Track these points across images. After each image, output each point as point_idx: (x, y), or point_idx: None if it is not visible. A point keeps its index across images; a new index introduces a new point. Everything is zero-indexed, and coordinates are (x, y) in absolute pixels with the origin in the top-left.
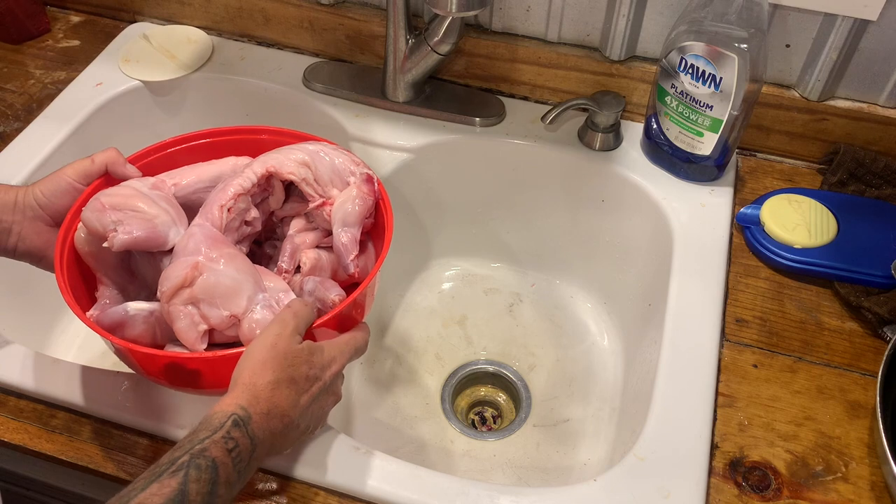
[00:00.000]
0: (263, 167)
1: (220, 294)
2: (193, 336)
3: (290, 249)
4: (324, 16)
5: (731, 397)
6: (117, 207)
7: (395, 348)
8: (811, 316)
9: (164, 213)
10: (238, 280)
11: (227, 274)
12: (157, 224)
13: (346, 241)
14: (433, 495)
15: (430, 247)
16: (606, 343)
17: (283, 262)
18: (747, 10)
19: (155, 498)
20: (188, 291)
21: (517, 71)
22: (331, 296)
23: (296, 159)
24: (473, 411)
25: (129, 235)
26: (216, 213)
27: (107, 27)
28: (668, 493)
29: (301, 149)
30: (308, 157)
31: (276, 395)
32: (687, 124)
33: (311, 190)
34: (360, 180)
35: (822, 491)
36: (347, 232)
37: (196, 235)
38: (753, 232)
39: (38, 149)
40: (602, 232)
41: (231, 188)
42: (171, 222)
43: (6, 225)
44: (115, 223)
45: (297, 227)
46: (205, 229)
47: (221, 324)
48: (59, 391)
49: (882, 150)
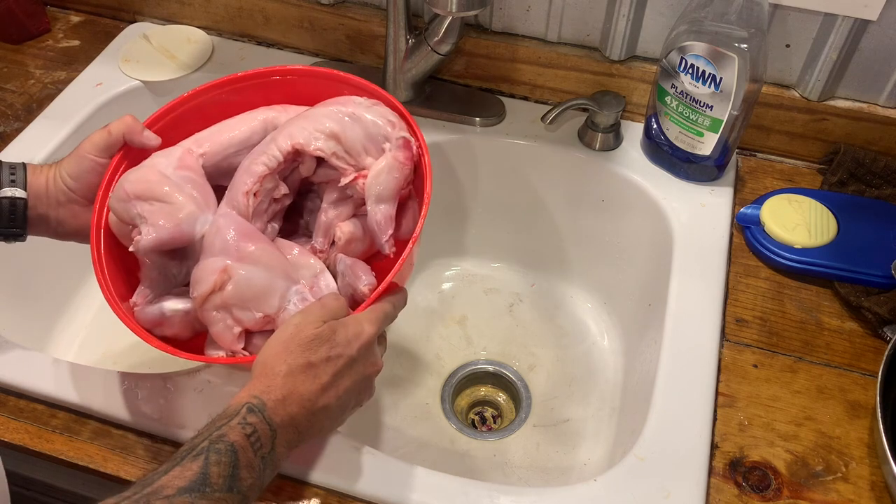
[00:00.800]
0: (289, 142)
1: (251, 297)
2: (229, 339)
3: (323, 226)
4: (324, 16)
5: (732, 397)
6: (142, 197)
7: (395, 348)
8: (811, 316)
9: (190, 201)
10: (268, 279)
11: (256, 275)
12: (181, 220)
13: (380, 219)
14: (433, 495)
15: (431, 247)
16: (606, 343)
17: (317, 243)
18: (747, 10)
19: (177, 480)
20: (219, 296)
21: (517, 71)
22: (360, 287)
23: (324, 130)
24: (473, 411)
25: (153, 238)
26: (241, 201)
27: (107, 27)
28: (668, 493)
29: (330, 115)
30: (337, 126)
31: (291, 381)
32: (687, 124)
33: (343, 163)
34: (396, 147)
35: (822, 491)
36: (382, 209)
37: (223, 228)
38: (753, 232)
39: (39, 149)
40: (602, 232)
41: (255, 170)
42: (198, 211)
43: (42, 212)
44: (140, 217)
45: (331, 199)
46: (231, 220)
47: (255, 325)
48: (59, 391)
49: (882, 150)
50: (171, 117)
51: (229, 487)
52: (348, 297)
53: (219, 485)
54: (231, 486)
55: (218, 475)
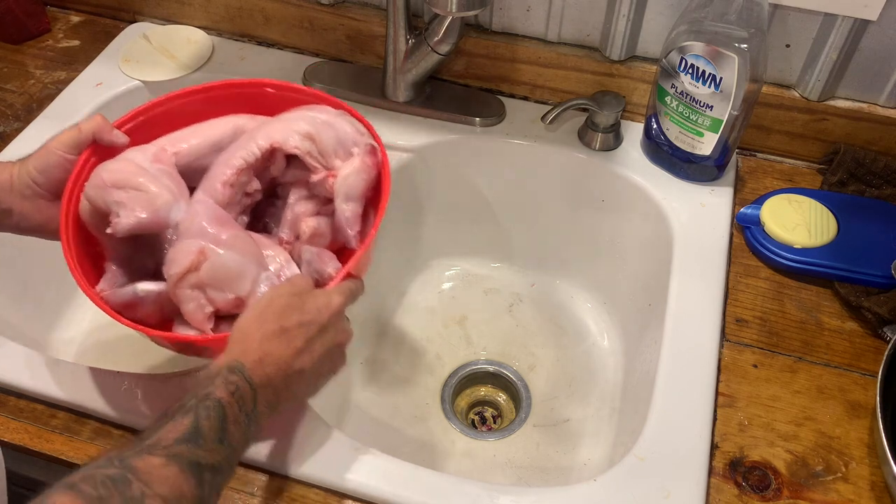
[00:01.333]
0: (268, 141)
1: (224, 278)
2: (200, 317)
3: (290, 219)
4: (324, 16)
5: (731, 397)
6: (119, 185)
7: (395, 348)
8: (811, 316)
9: (165, 190)
10: (242, 263)
11: (231, 258)
12: (158, 206)
13: (349, 215)
14: (433, 495)
15: (431, 247)
16: (606, 343)
17: (284, 234)
18: (747, 10)
19: (172, 434)
20: (194, 276)
21: (517, 71)
22: (328, 269)
23: (301, 131)
24: (473, 411)
25: (131, 221)
26: (219, 190)
27: (107, 27)
28: (668, 493)
29: (305, 118)
30: (312, 129)
31: (267, 344)
32: (687, 124)
33: (315, 162)
34: (365, 152)
35: (822, 491)
36: (350, 206)
37: (200, 214)
38: (753, 232)
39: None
40: (602, 232)
41: (234, 163)
42: (173, 200)
43: (5, 206)
44: (118, 204)
45: (298, 196)
46: (208, 207)
47: (227, 305)
48: (59, 391)
49: (882, 150)
50: (141, 120)
51: (220, 440)
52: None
53: (210, 437)
54: (221, 439)
55: (209, 429)
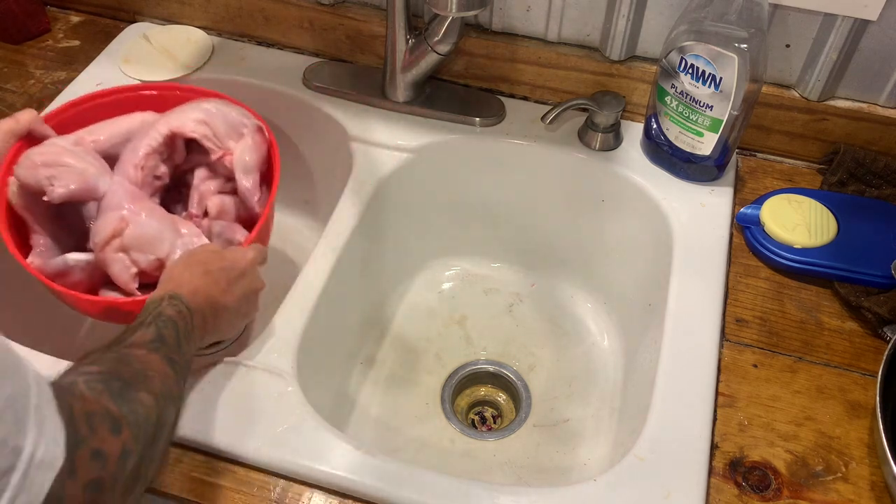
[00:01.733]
0: (167, 127)
1: (145, 241)
2: (126, 277)
3: (197, 197)
4: (324, 16)
5: (731, 397)
6: (49, 164)
7: (395, 348)
8: (811, 316)
9: (90, 165)
10: (159, 229)
11: (149, 224)
12: (87, 177)
13: (248, 185)
14: (433, 495)
15: (431, 247)
16: (606, 343)
17: (193, 209)
18: (747, 10)
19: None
20: (118, 241)
21: (517, 71)
22: (237, 236)
23: (195, 118)
24: (473, 411)
25: (65, 189)
26: (131, 172)
27: (107, 27)
28: (668, 493)
29: (198, 107)
30: (205, 116)
31: (196, 281)
32: (687, 124)
33: (212, 144)
34: (252, 131)
35: (822, 491)
36: (249, 177)
37: (118, 192)
38: (753, 232)
39: None
40: (602, 232)
41: (141, 149)
42: (99, 174)
43: None
44: (50, 178)
45: (201, 177)
46: (124, 185)
47: (149, 266)
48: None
49: (882, 150)
50: (64, 116)
51: (178, 346)
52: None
53: (171, 343)
54: (179, 346)
55: (169, 336)
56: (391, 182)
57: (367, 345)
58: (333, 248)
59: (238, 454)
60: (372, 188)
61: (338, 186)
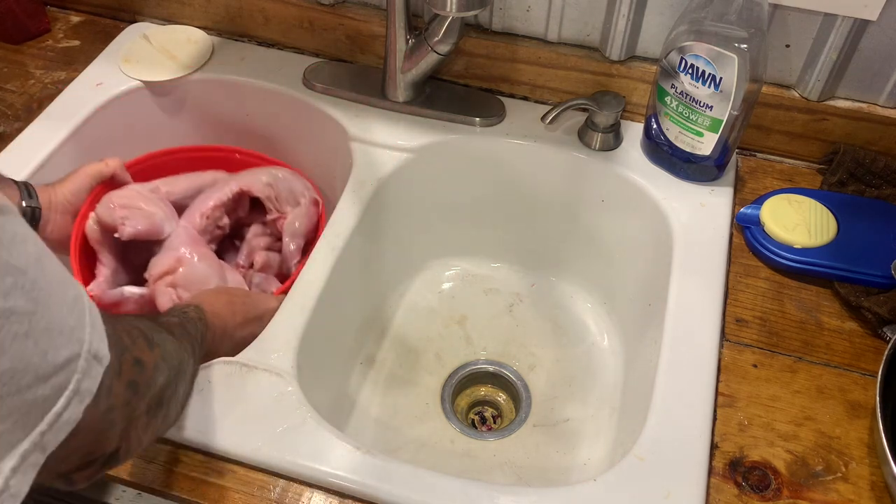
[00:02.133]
0: (238, 185)
1: (193, 281)
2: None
3: (246, 251)
4: (324, 16)
5: (731, 397)
6: (124, 206)
7: (395, 348)
8: (811, 316)
9: (160, 210)
10: (208, 273)
11: (200, 268)
12: (155, 220)
13: (293, 249)
14: (433, 495)
15: (430, 247)
16: (606, 343)
17: (241, 260)
18: (747, 10)
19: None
20: (170, 277)
21: (517, 71)
22: (271, 288)
23: (264, 181)
24: (473, 411)
25: (133, 228)
26: (197, 219)
27: (107, 27)
28: (668, 493)
29: (267, 173)
30: (272, 180)
31: (219, 306)
32: (687, 124)
33: (272, 206)
34: (309, 202)
35: (821, 491)
36: (294, 242)
37: (181, 235)
38: (753, 232)
39: (39, 149)
40: (602, 232)
41: (212, 200)
42: (166, 218)
43: (45, 219)
44: (123, 218)
45: (255, 233)
46: (188, 230)
47: None
48: None
49: (882, 150)
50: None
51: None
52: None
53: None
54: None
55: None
56: (391, 182)
57: (367, 345)
58: (333, 248)
59: (238, 454)
60: (372, 188)
61: (338, 186)
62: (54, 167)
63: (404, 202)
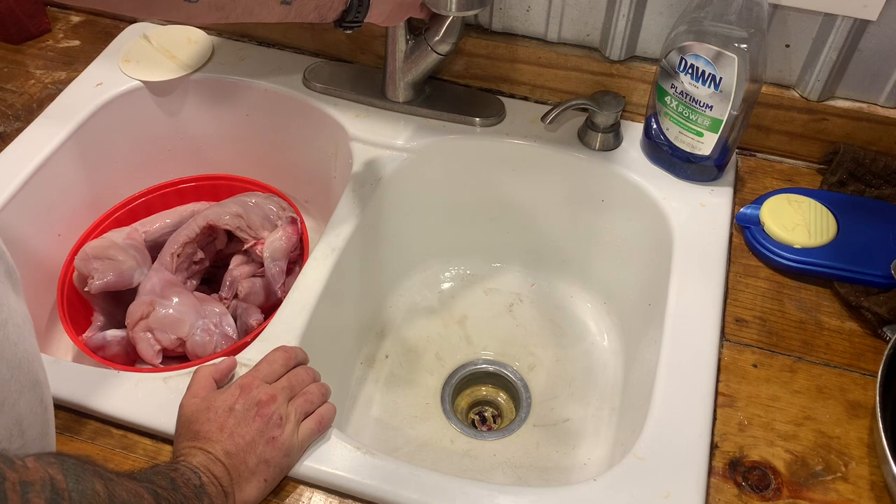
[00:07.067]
0: (205, 220)
1: (168, 323)
2: (150, 354)
3: (228, 281)
4: None
5: (731, 397)
6: (97, 256)
7: (394, 348)
8: (811, 316)
9: (131, 259)
10: (182, 312)
11: (173, 308)
12: (124, 270)
13: (275, 272)
14: (433, 495)
15: (430, 247)
16: (606, 343)
17: (223, 293)
18: (747, 10)
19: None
20: (145, 322)
21: (517, 71)
22: (250, 321)
23: (230, 212)
24: (473, 411)
25: (102, 282)
26: (168, 260)
27: (107, 27)
28: (667, 493)
29: (237, 202)
30: (241, 209)
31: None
32: (687, 124)
33: (245, 234)
34: (286, 223)
35: (821, 491)
36: (276, 265)
37: (153, 279)
38: (753, 232)
39: (39, 149)
40: (602, 232)
41: (180, 238)
42: (136, 266)
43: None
44: (94, 270)
45: (237, 262)
46: (160, 273)
47: (171, 344)
48: (59, 391)
49: (882, 150)
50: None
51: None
52: (243, 329)
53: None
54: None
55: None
56: (391, 182)
57: (367, 345)
58: (333, 247)
59: None
60: (372, 188)
61: (338, 186)
62: (54, 167)
63: (404, 202)
